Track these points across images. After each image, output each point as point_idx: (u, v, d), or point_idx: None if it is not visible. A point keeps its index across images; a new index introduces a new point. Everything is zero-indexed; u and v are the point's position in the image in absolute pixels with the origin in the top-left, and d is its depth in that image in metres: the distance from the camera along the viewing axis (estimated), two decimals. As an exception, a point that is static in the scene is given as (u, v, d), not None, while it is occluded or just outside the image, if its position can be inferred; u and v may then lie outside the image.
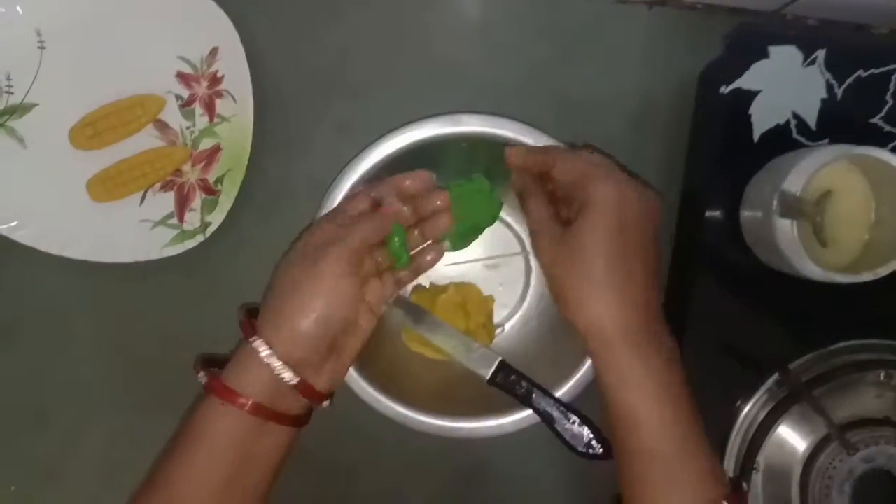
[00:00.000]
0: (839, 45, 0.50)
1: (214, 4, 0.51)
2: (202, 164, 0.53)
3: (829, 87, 0.50)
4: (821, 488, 0.48)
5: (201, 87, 0.53)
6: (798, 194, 0.44)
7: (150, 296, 0.56)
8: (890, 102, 0.50)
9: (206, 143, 0.53)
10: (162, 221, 0.53)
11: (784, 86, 0.50)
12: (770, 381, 0.50)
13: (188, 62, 0.53)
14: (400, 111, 0.52)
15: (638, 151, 0.56)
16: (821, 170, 0.44)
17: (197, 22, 0.52)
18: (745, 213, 0.50)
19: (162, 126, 0.53)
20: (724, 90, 0.50)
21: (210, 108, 0.53)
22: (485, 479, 0.58)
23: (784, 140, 0.50)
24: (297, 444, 0.45)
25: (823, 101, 0.50)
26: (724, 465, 0.50)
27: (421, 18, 0.56)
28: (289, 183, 0.55)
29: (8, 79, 0.52)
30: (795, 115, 0.50)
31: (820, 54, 0.50)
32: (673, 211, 0.55)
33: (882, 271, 0.45)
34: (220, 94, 0.53)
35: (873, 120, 0.50)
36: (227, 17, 0.51)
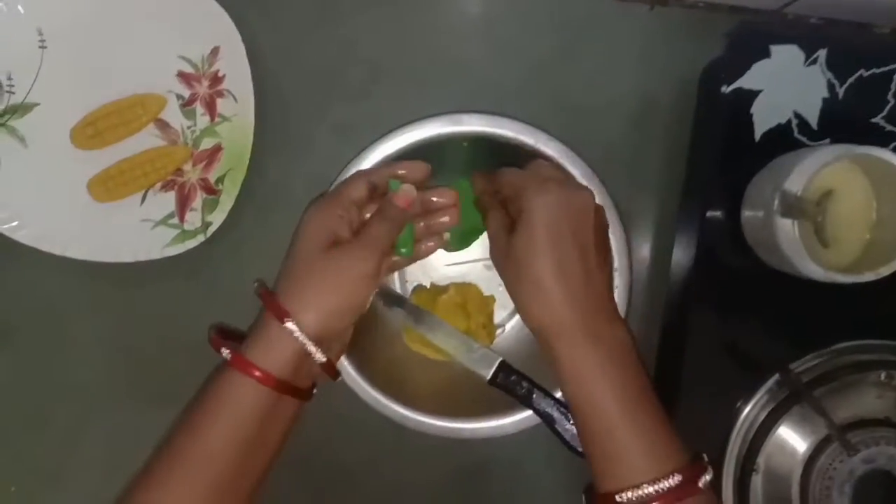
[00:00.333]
0: (841, 45, 0.50)
1: (215, 3, 0.51)
2: (203, 163, 0.53)
3: (830, 87, 0.50)
4: (821, 489, 0.48)
5: (202, 86, 0.53)
6: (799, 194, 0.44)
7: (151, 296, 0.56)
8: (891, 102, 0.50)
9: (206, 143, 0.53)
10: (163, 221, 0.53)
11: (785, 85, 0.50)
12: (770, 382, 0.50)
13: (189, 61, 0.53)
14: (400, 111, 0.52)
15: (639, 151, 0.56)
16: (822, 169, 0.44)
17: (198, 21, 0.52)
18: (746, 213, 0.50)
19: (163, 125, 0.53)
20: (726, 89, 0.50)
21: (211, 108, 0.53)
22: (485, 479, 0.58)
23: (785, 140, 0.50)
24: (301, 417, 0.47)
25: (825, 100, 0.50)
26: (725, 467, 0.50)
27: (422, 18, 0.56)
28: (289, 183, 0.55)
29: (9, 78, 0.52)
30: (797, 115, 0.50)
31: (821, 53, 0.50)
32: (673, 211, 0.55)
33: (883, 271, 0.44)
34: (221, 94, 0.53)
35: (875, 119, 0.50)
36: (228, 17, 0.51)
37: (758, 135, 0.50)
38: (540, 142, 0.50)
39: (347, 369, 0.51)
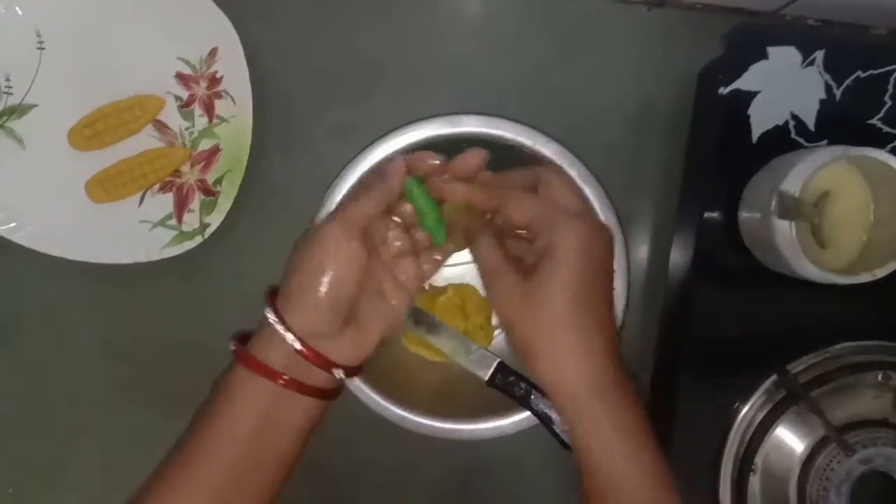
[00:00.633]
0: (838, 46, 0.50)
1: (214, 5, 0.51)
2: (201, 164, 0.53)
3: (827, 88, 0.50)
4: (819, 490, 0.48)
5: (200, 87, 0.53)
6: (796, 195, 0.44)
7: (149, 297, 0.56)
8: (889, 103, 0.50)
9: (205, 144, 0.53)
10: (161, 222, 0.53)
11: (783, 86, 0.50)
12: (768, 383, 0.50)
13: (187, 63, 0.53)
14: (399, 112, 0.52)
15: (637, 152, 0.56)
16: (819, 171, 0.44)
17: (196, 22, 0.52)
18: (744, 214, 0.50)
19: (161, 127, 0.53)
20: (723, 91, 0.50)
21: (209, 109, 0.53)
22: (483, 480, 0.58)
23: (783, 141, 0.50)
24: (325, 417, 0.45)
25: (822, 101, 0.50)
26: (722, 467, 0.50)
27: (420, 19, 0.56)
28: (288, 184, 0.55)
29: (7, 79, 0.52)
30: (794, 116, 0.50)
31: (819, 55, 0.50)
32: (671, 212, 0.55)
33: (880, 272, 0.45)
34: (219, 95, 0.53)
35: (872, 121, 0.50)
36: (226, 18, 0.51)
37: (755, 136, 0.50)
38: (538, 143, 0.50)
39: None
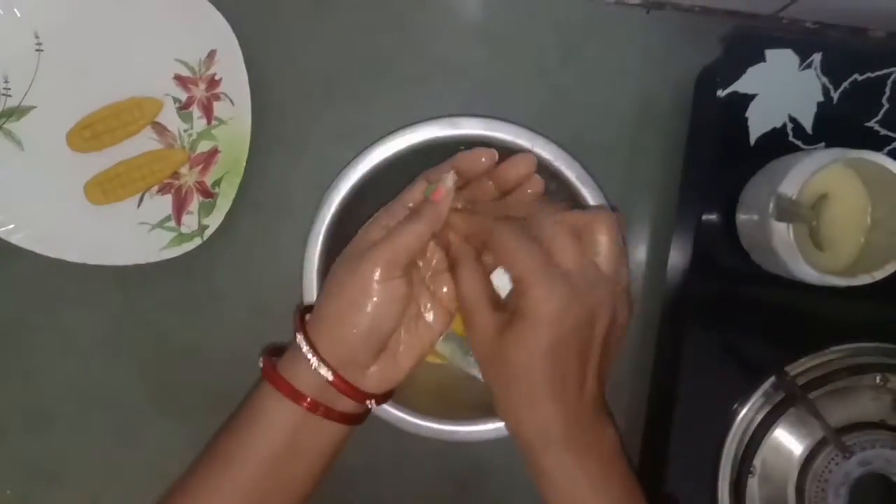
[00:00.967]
0: (835, 49, 0.50)
1: (212, 7, 0.51)
2: (200, 166, 0.53)
3: (825, 91, 0.50)
4: (817, 492, 0.48)
5: (199, 89, 0.53)
6: (794, 198, 0.44)
7: (148, 299, 0.56)
8: (886, 106, 0.50)
9: (203, 146, 0.53)
10: (159, 224, 0.53)
11: (780, 89, 0.50)
12: (766, 385, 0.50)
13: (186, 65, 0.53)
14: (398, 114, 0.53)
15: (635, 154, 0.56)
16: (817, 173, 0.44)
17: (194, 25, 0.52)
18: (742, 217, 0.50)
19: (159, 129, 0.53)
20: (721, 93, 0.50)
21: (208, 111, 0.53)
22: (482, 482, 0.58)
23: (780, 143, 0.50)
24: (348, 441, 0.45)
25: (820, 104, 0.50)
26: (721, 469, 0.50)
27: (418, 20, 0.56)
28: (286, 186, 0.55)
29: (5, 81, 0.52)
30: (792, 119, 0.50)
31: (816, 58, 0.50)
32: (670, 214, 0.55)
33: (878, 274, 0.45)
34: (217, 97, 0.53)
35: (869, 123, 0.50)
36: (224, 20, 0.51)
37: (753, 139, 0.50)
38: (537, 145, 0.50)
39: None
